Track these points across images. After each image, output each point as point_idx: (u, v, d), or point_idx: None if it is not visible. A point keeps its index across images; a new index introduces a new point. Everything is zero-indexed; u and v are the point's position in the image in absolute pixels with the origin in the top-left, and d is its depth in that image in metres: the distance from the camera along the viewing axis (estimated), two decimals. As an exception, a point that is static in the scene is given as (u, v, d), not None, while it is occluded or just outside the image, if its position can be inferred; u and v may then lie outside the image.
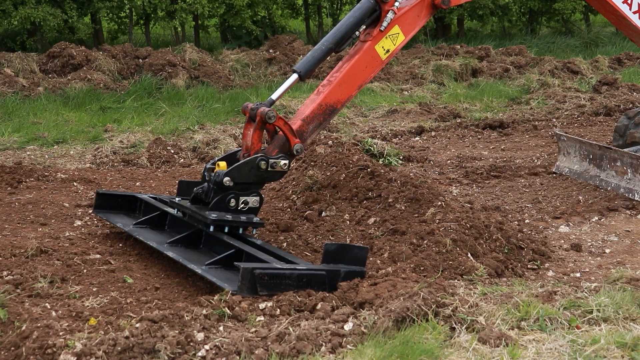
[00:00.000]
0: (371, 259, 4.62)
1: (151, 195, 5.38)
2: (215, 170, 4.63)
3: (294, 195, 5.62)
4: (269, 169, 4.64)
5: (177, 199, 4.95)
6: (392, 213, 5.10)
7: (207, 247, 4.69)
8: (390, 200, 5.23)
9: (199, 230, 4.72)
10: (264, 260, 4.25)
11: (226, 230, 4.61)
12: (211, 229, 4.58)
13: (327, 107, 4.88)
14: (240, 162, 4.62)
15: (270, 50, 11.54)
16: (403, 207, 5.13)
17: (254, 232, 4.81)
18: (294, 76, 4.85)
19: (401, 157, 7.26)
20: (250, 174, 4.61)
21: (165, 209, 5.04)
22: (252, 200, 4.66)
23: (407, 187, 5.30)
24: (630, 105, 9.35)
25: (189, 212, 4.77)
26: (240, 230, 4.66)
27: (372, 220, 5.13)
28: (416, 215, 5.04)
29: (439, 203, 5.11)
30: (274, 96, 4.83)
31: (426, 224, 4.87)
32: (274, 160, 4.64)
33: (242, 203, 4.62)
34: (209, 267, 4.29)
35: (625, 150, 6.41)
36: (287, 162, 4.69)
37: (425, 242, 4.70)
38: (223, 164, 4.65)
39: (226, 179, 4.55)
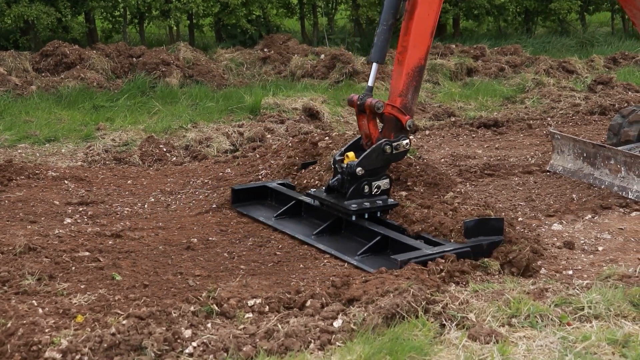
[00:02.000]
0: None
1: (279, 183, 5.80)
2: (345, 162, 5.03)
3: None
4: (393, 152, 5.07)
5: (312, 190, 5.38)
6: (412, 194, 5.24)
7: (348, 233, 5.09)
8: (409, 183, 5.38)
9: (339, 219, 5.12)
10: (410, 245, 4.62)
11: (366, 216, 5.00)
12: (353, 218, 4.97)
13: (414, 71, 5.16)
14: (368, 151, 5.02)
15: (265, 49, 11.50)
16: (422, 190, 5.29)
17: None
18: (375, 65, 5.19)
19: (416, 154, 7.27)
20: (378, 159, 5.04)
21: (300, 198, 5.45)
22: (383, 183, 5.10)
23: (427, 172, 5.45)
24: (626, 104, 9.32)
25: (327, 203, 5.16)
26: (379, 214, 5.05)
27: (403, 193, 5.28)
28: (436, 197, 5.20)
29: (458, 189, 5.34)
30: (370, 83, 5.17)
31: (448, 204, 5.05)
32: (397, 142, 5.06)
33: (375, 188, 5.04)
34: (362, 257, 4.66)
35: (619, 148, 6.38)
36: (407, 141, 5.12)
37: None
38: (351, 154, 5.06)
39: (358, 169, 4.97)
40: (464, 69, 11.18)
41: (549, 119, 9.18)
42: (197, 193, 6.10)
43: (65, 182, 6.26)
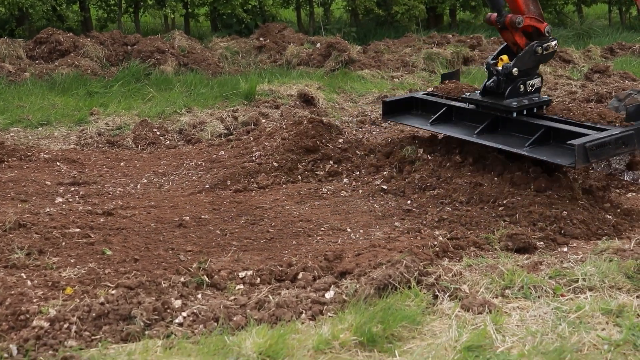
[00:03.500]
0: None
1: (424, 93, 6.34)
2: (499, 65, 5.40)
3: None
4: (544, 52, 5.41)
5: (467, 94, 5.84)
6: None
7: (504, 131, 5.47)
8: None
9: (496, 119, 5.49)
10: (577, 132, 4.95)
11: (524, 112, 5.38)
12: (514, 115, 5.35)
13: None
14: (521, 52, 5.37)
15: (261, 38, 11.45)
16: None
17: (544, 109, 5.52)
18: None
19: None
20: (530, 60, 5.41)
21: (451, 103, 5.90)
22: (537, 82, 5.48)
23: None
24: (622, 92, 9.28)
25: (485, 104, 5.56)
26: (535, 110, 5.43)
27: None
28: None
29: None
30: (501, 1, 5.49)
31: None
32: (547, 43, 5.41)
33: (529, 86, 5.44)
34: (530, 148, 5.02)
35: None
36: (555, 41, 5.46)
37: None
38: (505, 57, 5.44)
39: (514, 69, 5.33)
40: (460, 58, 11.13)
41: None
42: (190, 174, 6.05)
43: (58, 163, 6.21)
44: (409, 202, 5.32)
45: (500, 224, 4.72)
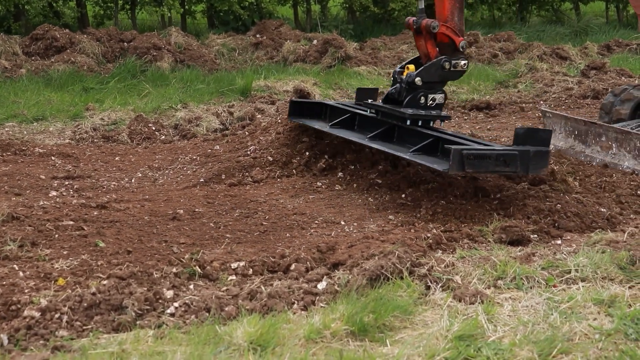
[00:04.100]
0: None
1: (336, 102, 6.18)
2: (405, 73, 5.31)
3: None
4: (451, 69, 5.29)
5: (369, 100, 5.70)
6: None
7: (400, 140, 5.36)
8: None
9: (393, 126, 5.40)
10: (462, 143, 4.84)
11: (419, 123, 5.26)
12: (408, 122, 5.24)
13: None
14: (428, 63, 5.29)
15: (257, 35, 11.46)
16: None
17: (441, 124, 5.48)
18: None
19: None
20: (436, 73, 5.29)
21: (355, 110, 5.77)
22: (439, 97, 5.36)
23: None
24: (618, 88, 9.29)
25: (383, 111, 5.46)
26: (432, 123, 5.33)
27: None
28: None
29: None
30: (421, 6, 5.37)
31: None
32: (456, 60, 5.29)
33: (430, 100, 5.32)
34: (414, 154, 4.94)
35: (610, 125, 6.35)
36: (466, 62, 5.36)
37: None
38: (412, 66, 5.34)
39: (417, 78, 5.24)
40: (457, 55, 11.11)
41: (541, 102, 9.15)
42: (185, 169, 6.05)
43: (52, 158, 6.20)
44: (403, 195, 5.31)
45: (494, 217, 4.73)
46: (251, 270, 3.84)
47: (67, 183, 5.58)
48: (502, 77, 10.30)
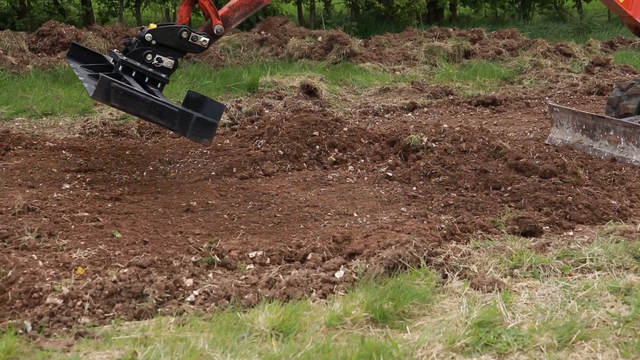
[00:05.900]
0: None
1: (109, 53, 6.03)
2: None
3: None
4: (189, 40, 5.23)
5: (115, 50, 5.63)
6: None
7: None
8: None
9: (111, 68, 5.33)
10: (135, 88, 4.71)
11: (133, 74, 5.15)
12: (120, 68, 5.16)
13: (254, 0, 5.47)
14: (166, 25, 5.28)
15: (262, 32, 11.48)
16: None
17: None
18: None
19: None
20: (172, 39, 5.22)
21: (105, 56, 5.90)
22: (167, 61, 5.27)
23: None
24: (623, 84, 9.32)
25: (113, 57, 5.45)
26: (146, 79, 5.19)
27: None
28: None
29: None
30: None
31: None
32: (196, 34, 5.24)
33: (156, 59, 5.23)
34: (89, 76, 5.03)
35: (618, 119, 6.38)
36: (207, 39, 5.27)
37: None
38: (153, 25, 5.29)
39: (148, 35, 5.17)
40: (461, 51, 11.17)
41: (547, 98, 9.18)
42: (195, 162, 6.07)
43: (63, 151, 6.22)
44: (414, 188, 5.34)
45: (506, 208, 4.76)
46: (269, 259, 3.87)
47: (79, 176, 5.60)
48: (506, 74, 10.33)
